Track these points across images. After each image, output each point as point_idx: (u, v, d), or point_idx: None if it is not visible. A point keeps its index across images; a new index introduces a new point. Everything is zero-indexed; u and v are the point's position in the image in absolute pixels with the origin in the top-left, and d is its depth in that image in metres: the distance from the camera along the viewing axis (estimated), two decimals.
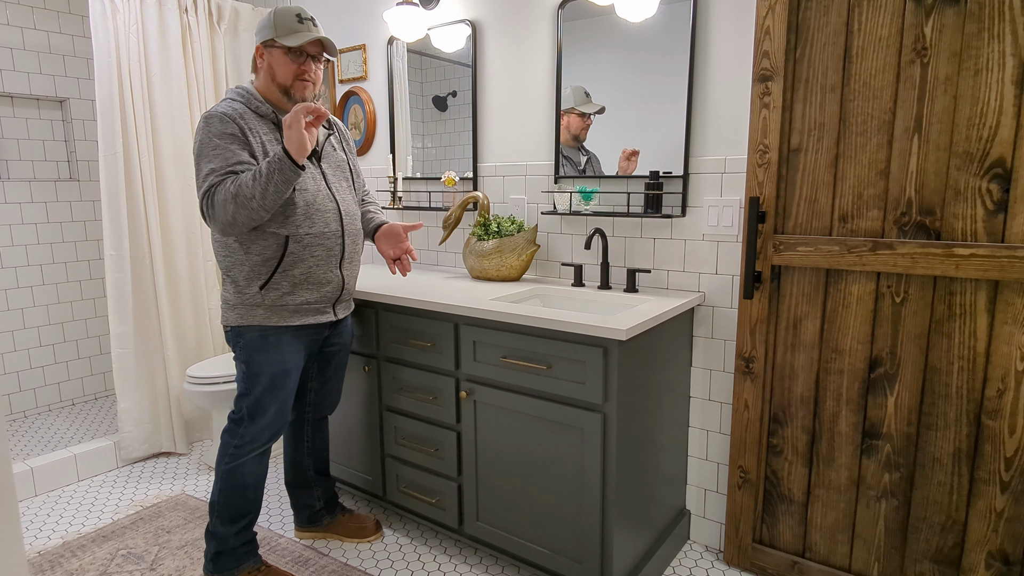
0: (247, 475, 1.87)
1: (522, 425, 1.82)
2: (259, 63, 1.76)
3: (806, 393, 1.85)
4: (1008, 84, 1.47)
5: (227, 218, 1.62)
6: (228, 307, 1.79)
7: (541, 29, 2.24)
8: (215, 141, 1.64)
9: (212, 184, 1.63)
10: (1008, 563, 1.62)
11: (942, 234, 1.60)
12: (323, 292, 1.83)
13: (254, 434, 1.84)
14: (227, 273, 1.77)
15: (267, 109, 1.75)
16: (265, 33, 1.72)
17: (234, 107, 1.70)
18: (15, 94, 3.17)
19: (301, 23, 1.72)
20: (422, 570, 2.05)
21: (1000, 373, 1.57)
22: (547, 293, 2.17)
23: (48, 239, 3.36)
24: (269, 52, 1.73)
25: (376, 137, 2.84)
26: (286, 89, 1.75)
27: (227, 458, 1.85)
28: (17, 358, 3.31)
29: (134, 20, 2.59)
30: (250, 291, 1.75)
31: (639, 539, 1.86)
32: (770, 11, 1.73)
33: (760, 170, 1.81)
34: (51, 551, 2.14)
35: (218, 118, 1.66)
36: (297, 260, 1.76)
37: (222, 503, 1.87)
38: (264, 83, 1.76)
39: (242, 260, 1.73)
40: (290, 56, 1.72)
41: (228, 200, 1.60)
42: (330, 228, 1.80)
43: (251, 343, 1.78)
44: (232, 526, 1.88)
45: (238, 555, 1.91)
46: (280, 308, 1.77)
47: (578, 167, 2.20)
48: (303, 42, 1.71)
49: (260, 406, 1.82)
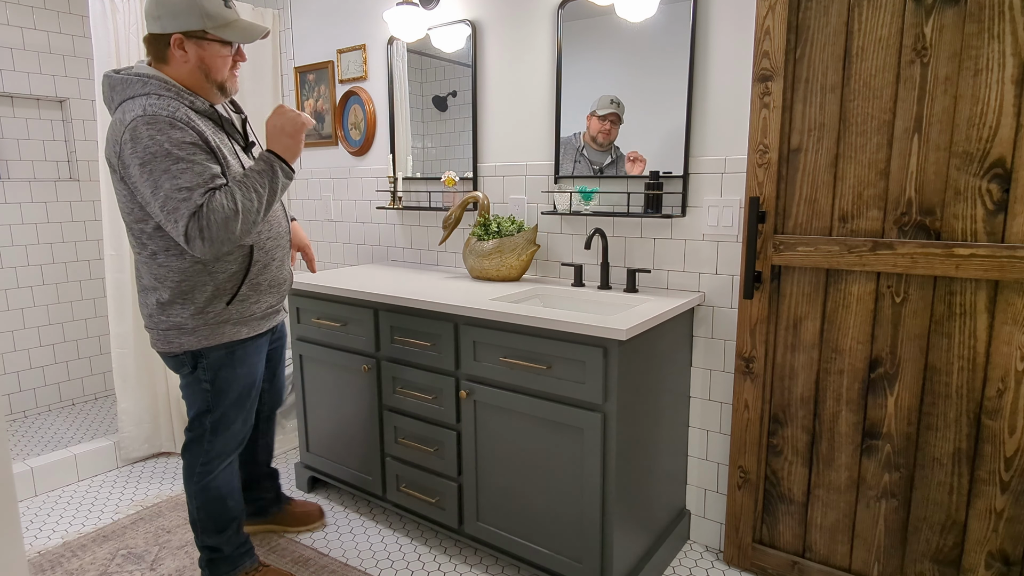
0: (221, 487, 1.81)
1: (522, 425, 1.82)
2: (178, 55, 1.50)
3: (806, 393, 1.85)
4: (1008, 84, 1.47)
5: (228, 237, 1.46)
6: (183, 332, 1.61)
7: (541, 29, 2.24)
8: (176, 152, 1.42)
9: (199, 205, 1.43)
10: (1008, 563, 1.62)
11: (942, 234, 1.60)
12: (281, 292, 1.80)
13: (220, 447, 1.77)
14: (181, 298, 1.59)
15: (204, 105, 1.55)
16: (189, 22, 1.47)
17: (172, 107, 1.46)
18: (15, 94, 3.17)
19: (227, 6, 1.52)
20: (422, 570, 2.05)
21: (1000, 373, 1.57)
22: (547, 293, 2.17)
23: (48, 239, 3.36)
24: (199, 45, 1.50)
25: (376, 137, 2.84)
26: (222, 84, 1.58)
27: (196, 477, 1.77)
28: (17, 358, 3.31)
29: (134, 20, 2.59)
30: (214, 309, 1.62)
31: (639, 539, 1.86)
32: (770, 11, 1.73)
33: (760, 170, 1.81)
34: (51, 551, 2.14)
35: (168, 122, 1.43)
36: (262, 268, 1.69)
37: (204, 519, 1.81)
38: (191, 76, 1.53)
39: (204, 281, 1.59)
40: (225, 47, 1.54)
41: (231, 218, 1.44)
42: (282, 227, 1.77)
43: (216, 362, 1.68)
44: (220, 536, 1.84)
45: (233, 559, 1.88)
46: (248, 318, 1.69)
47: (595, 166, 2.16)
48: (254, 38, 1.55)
49: (225, 420, 1.74)
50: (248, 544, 1.94)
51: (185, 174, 1.43)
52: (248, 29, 1.55)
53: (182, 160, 1.43)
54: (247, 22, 1.56)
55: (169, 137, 1.42)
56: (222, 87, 1.59)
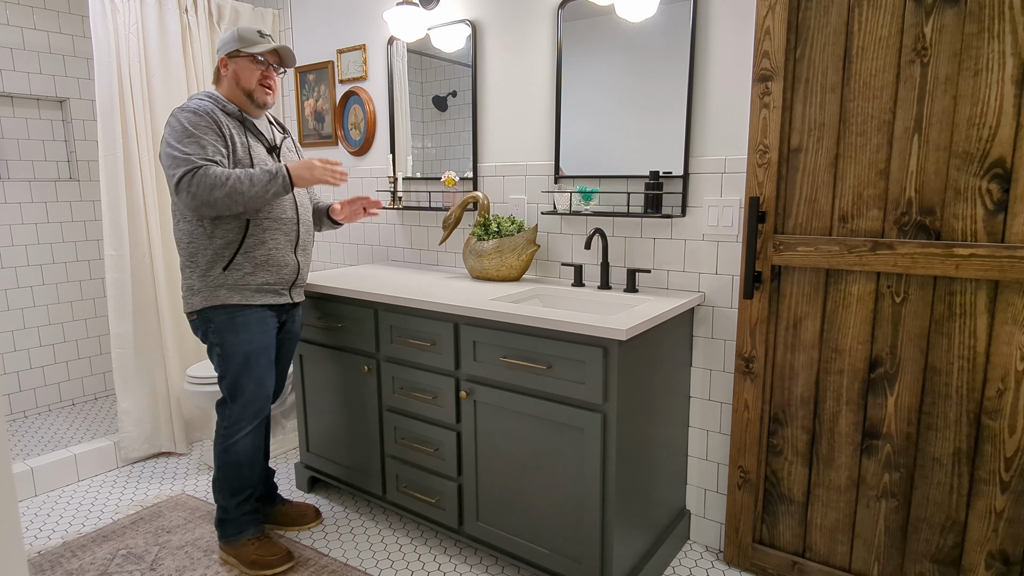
0: (240, 453, 2.01)
1: (522, 425, 1.82)
2: (223, 72, 1.94)
3: (806, 393, 1.85)
4: (1008, 84, 1.47)
5: (207, 198, 1.75)
6: (192, 293, 1.92)
7: (541, 29, 2.24)
8: (191, 130, 1.80)
9: (197, 164, 1.76)
10: (1008, 563, 1.62)
11: (942, 234, 1.60)
12: (282, 275, 1.99)
13: (238, 414, 1.98)
14: (191, 260, 1.90)
15: (233, 108, 1.92)
16: (230, 47, 1.92)
17: (203, 105, 1.86)
18: (15, 94, 3.17)
19: (262, 37, 1.95)
20: (422, 570, 2.05)
21: (1000, 373, 1.57)
22: (547, 293, 2.17)
23: (48, 239, 3.36)
24: (234, 61, 1.92)
25: (376, 137, 2.84)
26: (250, 93, 1.93)
27: (220, 439, 2.01)
28: (17, 358, 3.31)
29: (134, 20, 2.59)
30: (213, 273, 1.89)
31: (639, 539, 1.86)
32: (770, 11, 1.73)
33: (760, 170, 1.81)
34: (51, 551, 2.14)
35: (191, 111, 1.83)
36: (258, 242, 1.92)
37: (221, 479, 2.03)
38: (229, 89, 1.94)
39: (206, 245, 1.88)
40: (255, 63, 1.92)
41: (217, 185, 1.75)
42: (287, 215, 1.98)
43: (221, 325, 1.92)
44: (232, 499, 2.04)
45: (240, 523, 2.06)
46: (242, 287, 1.92)
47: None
48: (267, 49, 1.94)
49: (237, 386, 1.96)
50: (256, 515, 2.11)
51: (192, 145, 1.80)
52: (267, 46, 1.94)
53: (192, 136, 1.80)
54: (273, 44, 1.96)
55: (189, 120, 1.81)
56: (250, 95, 1.94)
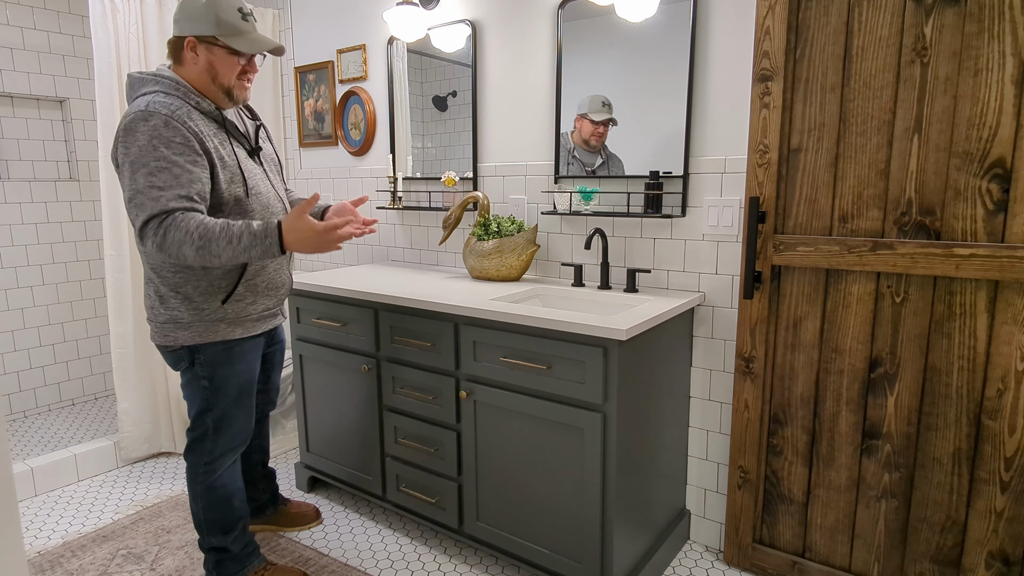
0: (228, 486, 1.82)
1: (522, 425, 1.82)
2: (190, 56, 1.57)
3: (806, 393, 1.85)
4: (1008, 84, 1.47)
5: (174, 253, 1.47)
6: (180, 326, 1.63)
7: (541, 29, 2.24)
8: (163, 151, 1.44)
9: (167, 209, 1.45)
10: (1008, 563, 1.62)
11: (942, 234, 1.60)
12: (279, 296, 1.82)
13: (224, 445, 1.78)
14: (175, 290, 1.61)
15: (209, 106, 1.59)
16: (202, 27, 1.54)
17: (174, 105, 1.50)
18: (15, 94, 3.17)
19: (244, 20, 1.58)
20: (422, 570, 2.05)
21: (1000, 373, 1.57)
22: (547, 293, 2.17)
23: (48, 239, 3.36)
24: (209, 49, 1.56)
25: (376, 137, 2.84)
26: (228, 90, 1.62)
27: (200, 477, 1.78)
28: (17, 358, 3.31)
29: (134, 20, 2.59)
30: (210, 307, 1.64)
31: (639, 539, 1.86)
32: (770, 11, 1.73)
33: (760, 170, 1.81)
34: (51, 551, 2.14)
35: (163, 120, 1.46)
36: (259, 268, 1.70)
37: (210, 520, 1.82)
38: (200, 78, 1.59)
39: (199, 275, 1.61)
40: (238, 58, 1.60)
41: (186, 243, 1.45)
42: None
43: (213, 358, 1.69)
44: (227, 536, 1.85)
45: (241, 559, 1.89)
46: (244, 319, 1.71)
47: (587, 168, 2.18)
48: (260, 50, 1.59)
49: (226, 417, 1.75)
50: (254, 544, 1.95)
51: (162, 173, 1.45)
52: (257, 41, 1.60)
53: (163, 159, 1.45)
54: (259, 36, 1.61)
55: (159, 134, 1.45)
56: (228, 92, 1.63)
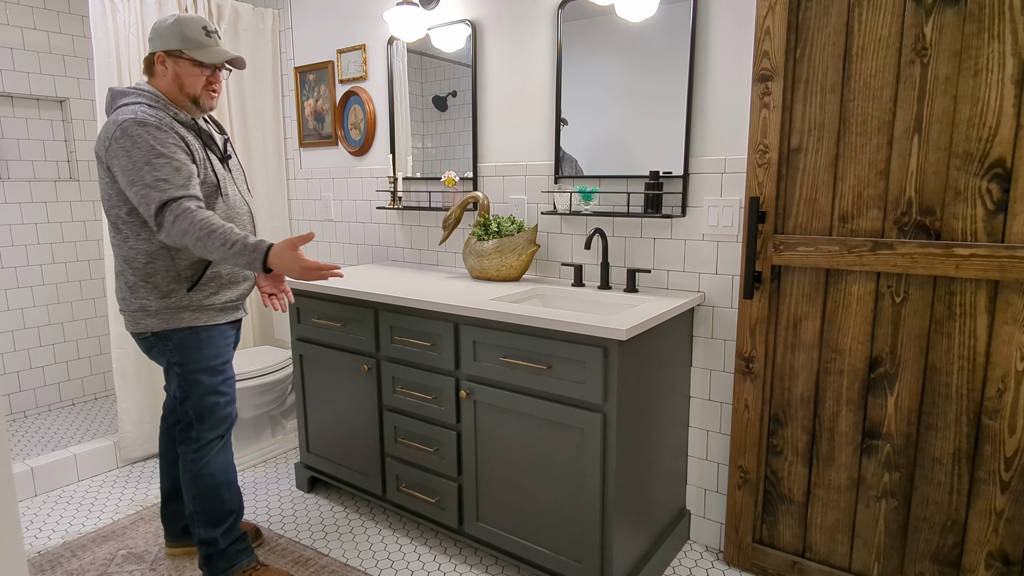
0: (215, 475, 1.85)
1: (522, 425, 1.82)
2: (160, 69, 1.75)
3: (806, 393, 1.85)
4: (1008, 84, 1.47)
5: (178, 240, 1.62)
6: (148, 313, 1.75)
7: (541, 29, 2.24)
8: (159, 149, 1.62)
9: (178, 196, 1.62)
10: (1008, 563, 1.62)
11: (942, 234, 1.60)
12: (241, 290, 1.91)
13: (207, 433, 1.83)
14: (146, 280, 1.74)
15: (186, 117, 1.76)
16: (169, 43, 1.72)
17: (159, 115, 1.68)
18: (15, 94, 3.17)
19: (208, 36, 1.75)
20: (422, 570, 2.05)
21: (1000, 373, 1.57)
22: (547, 293, 2.17)
23: (48, 239, 3.36)
24: (175, 62, 1.73)
25: (376, 137, 2.84)
26: (195, 99, 1.77)
27: (189, 465, 1.84)
28: (17, 358, 3.31)
29: (134, 20, 2.59)
30: (176, 295, 1.75)
31: (639, 539, 1.86)
32: (770, 11, 1.73)
33: (760, 170, 1.81)
34: (51, 551, 2.14)
35: (155, 126, 1.64)
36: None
37: (200, 511, 1.84)
38: (169, 88, 1.75)
39: (168, 266, 1.74)
40: (201, 69, 1.75)
41: (189, 232, 1.60)
42: (247, 230, 1.90)
43: (182, 343, 1.78)
44: (216, 529, 1.85)
45: (229, 555, 1.88)
46: (207, 308, 1.81)
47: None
48: (219, 60, 1.75)
49: (204, 404, 1.81)
50: (245, 542, 1.93)
51: (164, 168, 1.63)
52: (218, 53, 1.77)
53: (163, 156, 1.63)
54: (220, 49, 1.78)
55: (155, 136, 1.64)
56: (195, 101, 1.78)
